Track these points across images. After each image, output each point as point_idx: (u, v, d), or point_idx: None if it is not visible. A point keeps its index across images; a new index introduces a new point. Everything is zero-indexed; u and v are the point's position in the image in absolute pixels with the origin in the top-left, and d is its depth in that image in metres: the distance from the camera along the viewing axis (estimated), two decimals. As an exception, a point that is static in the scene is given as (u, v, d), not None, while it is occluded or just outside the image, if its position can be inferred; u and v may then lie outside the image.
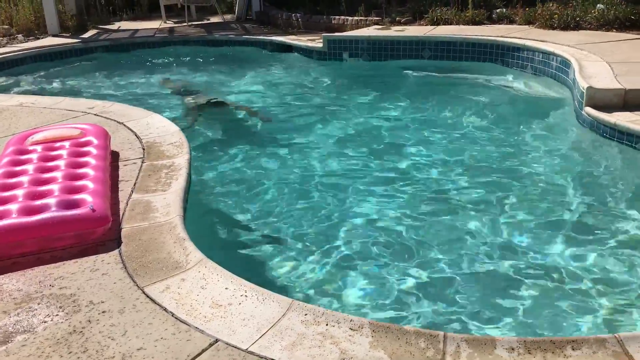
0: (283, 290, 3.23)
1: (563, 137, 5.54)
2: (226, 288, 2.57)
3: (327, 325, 2.31)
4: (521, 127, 5.91)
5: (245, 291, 2.54)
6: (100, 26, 12.01)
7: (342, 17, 10.54)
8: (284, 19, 11.36)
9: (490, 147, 5.41)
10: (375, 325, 2.30)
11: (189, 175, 3.81)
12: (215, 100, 7.08)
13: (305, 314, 2.37)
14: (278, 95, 7.65)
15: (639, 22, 7.89)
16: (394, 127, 6.08)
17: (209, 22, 12.60)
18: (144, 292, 2.56)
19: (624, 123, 4.79)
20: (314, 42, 9.36)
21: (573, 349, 2.14)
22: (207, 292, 2.55)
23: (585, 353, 2.11)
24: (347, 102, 7.12)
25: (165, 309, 2.44)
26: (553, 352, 2.12)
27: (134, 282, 2.64)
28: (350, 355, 2.14)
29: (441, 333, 2.23)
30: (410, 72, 8.12)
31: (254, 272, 3.39)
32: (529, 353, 2.13)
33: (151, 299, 2.51)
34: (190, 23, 12.18)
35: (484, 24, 9.15)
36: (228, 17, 12.93)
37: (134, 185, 3.64)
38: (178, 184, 3.60)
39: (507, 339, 2.20)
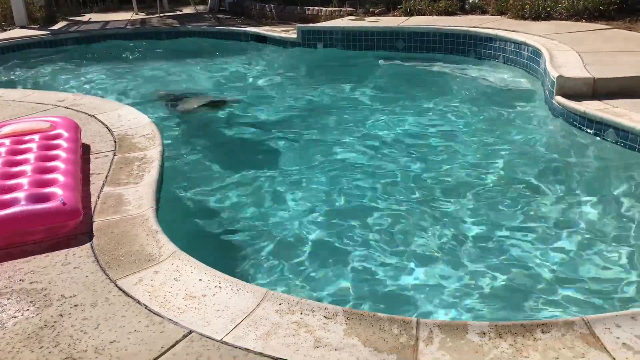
0: (258, 280, 3.24)
1: (534, 126, 5.61)
2: (200, 279, 2.56)
3: (301, 314, 2.32)
4: (493, 115, 5.97)
5: (219, 282, 2.53)
6: (70, 18, 11.81)
7: (316, 7, 10.51)
8: (258, 9, 11.29)
9: (462, 135, 5.45)
10: (349, 312, 2.31)
11: (162, 167, 3.79)
12: (206, 102, 6.91)
13: (280, 304, 2.38)
14: (253, 86, 7.61)
15: (607, 12, 8.01)
16: (367, 118, 6.08)
17: (181, 13, 12.47)
18: (116, 285, 2.54)
19: (593, 111, 4.87)
20: (288, 32, 9.32)
21: (543, 332, 2.18)
22: (181, 283, 2.54)
23: (554, 336, 2.16)
24: (321, 93, 7.11)
25: (138, 302, 2.42)
26: (523, 336, 2.16)
27: (107, 275, 2.62)
28: (324, 343, 2.15)
29: (414, 319, 2.26)
30: (384, 62, 8.14)
31: (229, 263, 3.38)
32: (500, 337, 2.16)
33: (124, 292, 2.49)
34: (162, 14, 12.03)
35: (457, 14, 9.21)
36: (201, 8, 12.81)
37: (106, 178, 3.60)
38: (150, 176, 3.58)
39: (478, 323, 2.24)
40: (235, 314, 2.32)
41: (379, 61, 8.18)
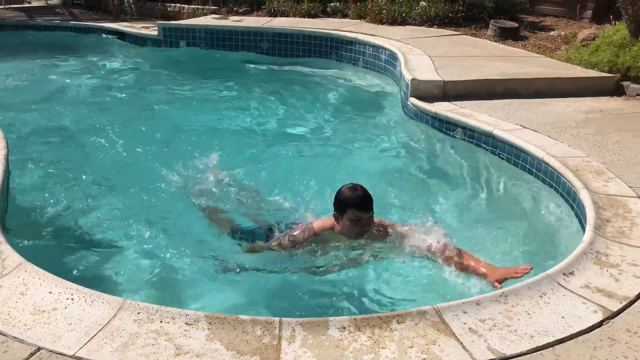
0: (115, 290, 3.08)
1: (389, 126, 5.88)
2: (50, 292, 2.39)
3: (161, 322, 2.24)
4: (349, 116, 6.17)
5: (72, 294, 2.38)
6: None
7: (179, 4, 10.28)
8: (116, 4, 10.80)
9: (317, 135, 5.59)
10: (211, 317, 2.28)
11: (7, 172, 3.50)
12: None
13: (138, 313, 2.28)
14: (107, 85, 7.23)
15: (456, 19, 8.65)
16: (223, 117, 6.04)
17: (30, 5, 11.59)
18: (-49, 304, 2.30)
19: (443, 112, 5.21)
20: (149, 29, 9.01)
21: (398, 323, 2.29)
22: (28, 297, 2.36)
23: (408, 325, 2.28)
24: (178, 91, 6.96)
25: (-23, 321, 2.21)
26: (380, 327, 2.26)
27: (-61, 293, 2.36)
28: (185, 350, 2.10)
29: (277, 319, 2.27)
30: (246, 62, 8.13)
31: (83, 273, 3.18)
32: (359, 330, 2.24)
33: (-40, 311, 2.26)
34: (7, 6, 11.09)
35: (319, 17, 9.43)
36: (54, 1, 11.98)
37: (-61, 185, 3.25)
38: (-8, 182, 3.28)
39: (339, 318, 2.30)
40: (90, 327, 2.20)
41: (242, 61, 8.15)
